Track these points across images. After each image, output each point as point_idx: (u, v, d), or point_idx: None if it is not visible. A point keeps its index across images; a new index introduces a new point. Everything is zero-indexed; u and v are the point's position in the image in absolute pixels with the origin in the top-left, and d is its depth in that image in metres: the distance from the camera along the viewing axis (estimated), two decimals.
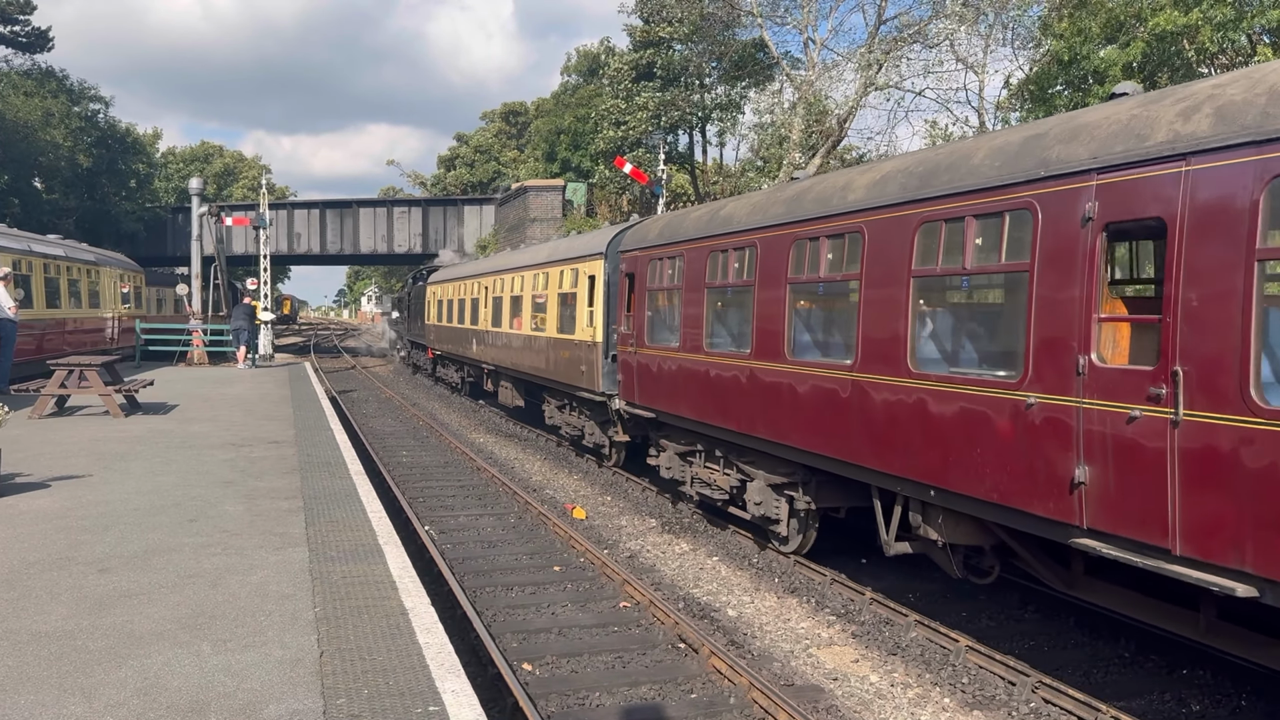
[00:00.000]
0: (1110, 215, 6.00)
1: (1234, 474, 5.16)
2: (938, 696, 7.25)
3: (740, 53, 35.36)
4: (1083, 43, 18.46)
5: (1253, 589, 5.07)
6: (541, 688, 7.14)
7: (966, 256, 7.25)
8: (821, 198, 9.41)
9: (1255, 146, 5.15)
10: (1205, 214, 5.40)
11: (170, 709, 4.84)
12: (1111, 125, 6.21)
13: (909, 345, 7.77)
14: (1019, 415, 6.60)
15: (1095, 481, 6.01)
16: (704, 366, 11.36)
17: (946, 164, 7.70)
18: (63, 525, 8.58)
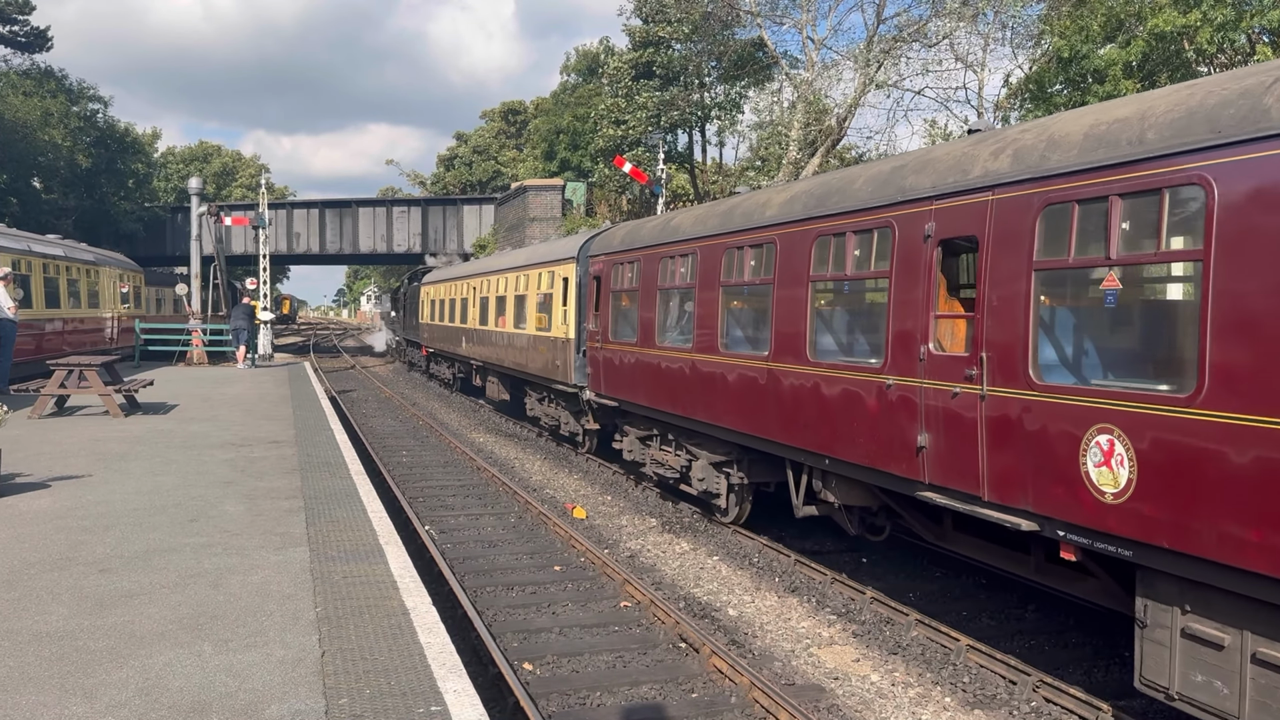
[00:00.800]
0: (943, 233, 7.42)
1: (1020, 435, 6.54)
2: (939, 696, 7.25)
3: (739, 52, 35.34)
4: (1083, 41, 18.46)
5: (1035, 524, 6.48)
6: (542, 687, 7.14)
7: (848, 264, 8.78)
8: (747, 213, 10.82)
9: (1035, 181, 6.52)
10: (1002, 233, 6.76)
11: (172, 709, 4.84)
12: (948, 160, 7.67)
13: (808, 338, 9.21)
14: (882, 394, 8.01)
15: (931, 445, 7.42)
16: (657, 360, 12.75)
17: (837, 188, 9.16)
18: (63, 525, 8.58)
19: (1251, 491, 5.02)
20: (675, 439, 12.72)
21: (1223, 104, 5.50)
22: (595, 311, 15.41)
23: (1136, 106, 6.19)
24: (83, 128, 46.62)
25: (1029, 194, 6.55)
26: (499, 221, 47.47)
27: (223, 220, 35.75)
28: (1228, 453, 5.17)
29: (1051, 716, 6.83)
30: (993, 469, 6.79)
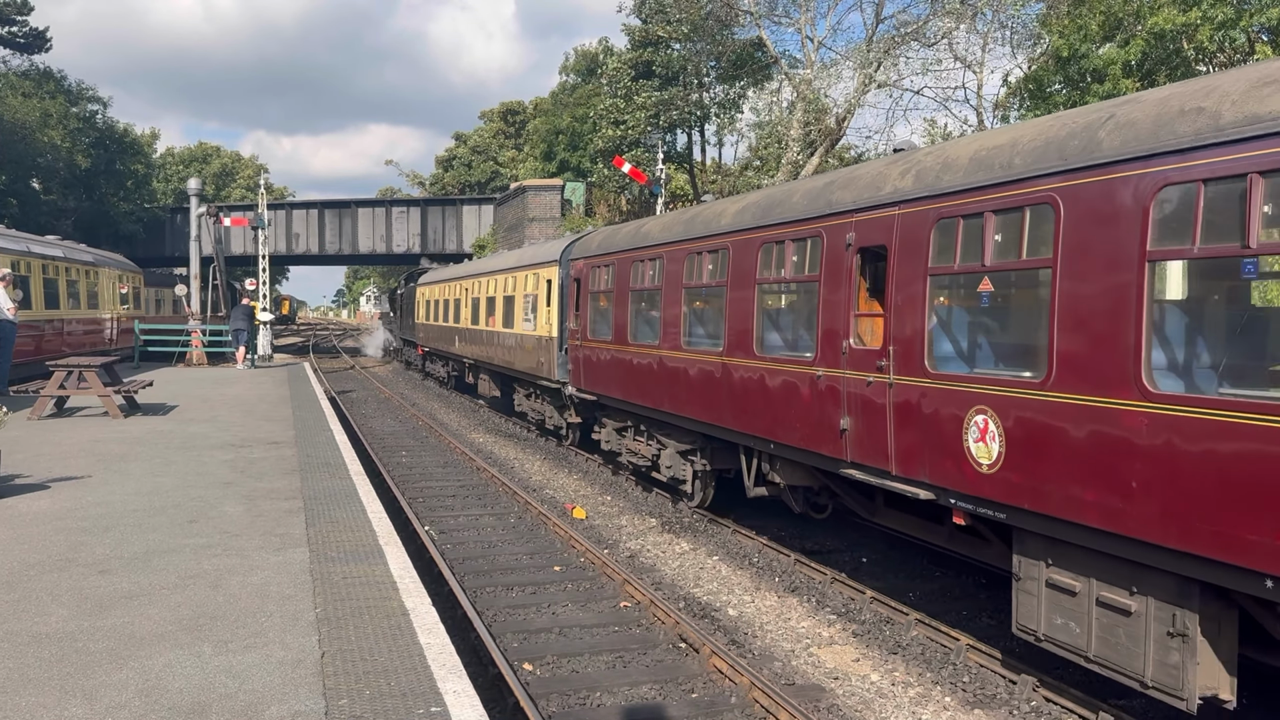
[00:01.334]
0: (861, 242, 8.41)
1: (918, 417, 7.57)
2: (939, 695, 7.25)
3: (738, 52, 35.33)
4: (1082, 40, 18.46)
5: (931, 494, 7.51)
6: (542, 688, 7.14)
7: (787, 269, 9.81)
8: (706, 221, 11.85)
9: (931, 199, 7.52)
10: (905, 243, 7.78)
11: (172, 710, 4.84)
12: (867, 178, 8.72)
13: (755, 335, 10.22)
14: (813, 384, 9.03)
15: (852, 428, 8.45)
16: (629, 356, 13.77)
17: (779, 200, 10.21)
18: (63, 527, 8.58)
19: (1088, 459, 6.02)
20: (647, 430, 13.73)
21: (1070, 135, 6.45)
22: (575, 311, 16.44)
23: (1010, 135, 7.24)
24: (82, 129, 46.59)
25: (926, 209, 7.59)
26: (498, 222, 47.46)
27: (222, 221, 35.73)
28: (1069, 427, 6.15)
29: (1051, 716, 6.83)
30: (899, 447, 7.87)
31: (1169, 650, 5.67)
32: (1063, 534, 6.29)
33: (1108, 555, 5.97)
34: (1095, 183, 6.06)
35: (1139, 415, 5.64)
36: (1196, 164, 5.39)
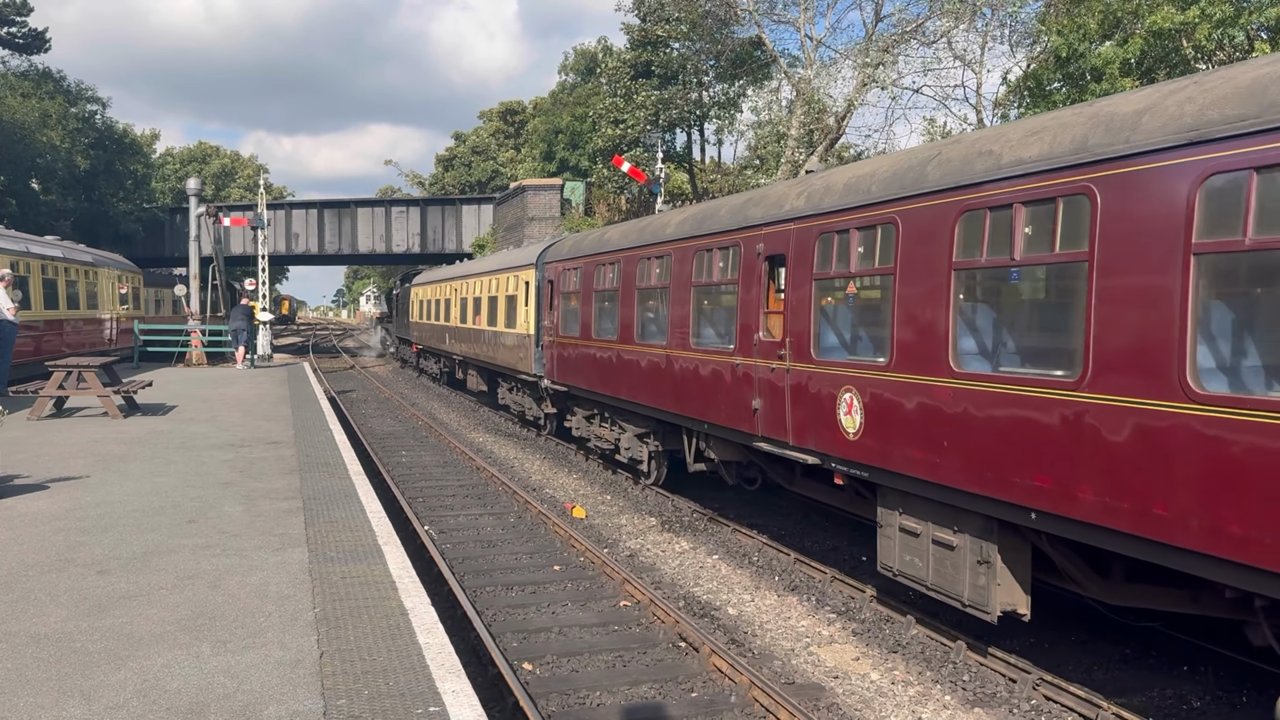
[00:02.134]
0: (768, 251, 10.04)
1: (807, 396, 9.15)
2: (938, 694, 7.25)
3: (738, 51, 35.31)
4: (1081, 39, 18.45)
5: (817, 459, 9.06)
6: (542, 687, 7.14)
7: (714, 273, 11.30)
8: (654, 230, 13.47)
9: (815, 217, 9.19)
10: (798, 252, 9.38)
11: (170, 710, 4.83)
12: (774, 198, 10.34)
13: (691, 329, 11.80)
14: (734, 371, 10.66)
15: (761, 407, 10.03)
16: (594, 350, 15.30)
17: (710, 214, 11.85)
18: (61, 527, 8.57)
19: (916, 425, 7.59)
20: (610, 417, 15.27)
21: (909, 169, 8.01)
22: (549, 310, 17.95)
23: (873, 167, 8.89)
24: (81, 129, 46.56)
25: (812, 225, 9.20)
26: (498, 221, 47.45)
27: (221, 221, 35.70)
28: (905, 401, 7.73)
29: (1051, 714, 6.82)
30: (794, 421, 9.44)
31: (979, 575, 7.19)
32: (905, 486, 7.87)
33: (937, 502, 7.53)
34: (922, 207, 7.63)
35: (946, 389, 7.27)
36: (985, 195, 6.94)
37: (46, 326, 24.18)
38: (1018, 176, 6.65)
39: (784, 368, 9.53)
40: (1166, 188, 5.54)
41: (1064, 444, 6.20)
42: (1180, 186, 5.43)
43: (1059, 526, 6.32)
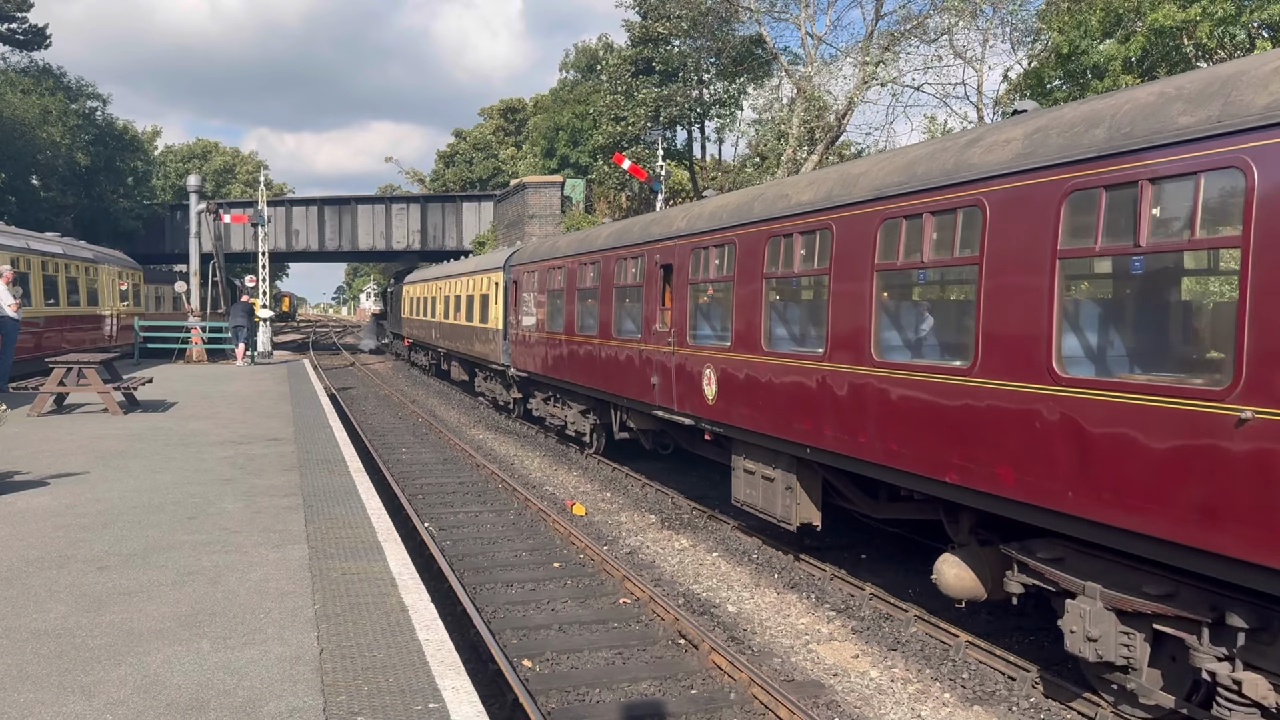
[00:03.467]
0: (662, 261, 12.70)
1: (684, 372, 11.86)
2: (938, 692, 7.25)
3: (738, 48, 35.28)
4: (1082, 37, 18.43)
5: (691, 421, 11.73)
6: (541, 684, 7.14)
7: (629, 277, 14.04)
8: (590, 241, 16.34)
9: (689, 236, 11.98)
10: (680, 263, 12.17)
11: (170, 706, 4.84)
12: (668, 220, 13.27)
13: (614, 323, 14.46)
14: (640, 355, 13.36)
15: (658, 383, 12.73)
16: (548, 340, 18.03)
17: (627, 230, 14.74)
18: (62, 523, 8.57)
19: (746, 390, 10.31)
20: (560, 397, 18.07)
21: (742, 205, 10.98)
22: (514, 308, 20.79)
23: (728, 200, 11.81)
24: (81, 125, 46.50)
25: (688, 242, 12.05)
26: (498, 219, 47.41)
27: (221, 218, 35.70)
28: (738, 374, 10.49)
29: (1051, 712, 6.83)
30: (677, 393, 12.14)
31: (786, 499, 9.83)
32: (743, 437, 10.57)
33: (761, 447, 10.20)
34: (749, 232, 10.44)
35: (761, 364, 9.99)
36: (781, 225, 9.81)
37: (47, 323, 24.17)
38: (798, 215, 9.48)
39: (670, 351, 12.38)
40: (868, 226, 8.26)
41: (816, 398, 8.96)
42: (873, 225, 8.20)
43: (817, 455, 9.08)
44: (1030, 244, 6.43)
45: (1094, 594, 6.16)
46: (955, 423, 7.15)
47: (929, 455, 7.43)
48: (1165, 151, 5.49)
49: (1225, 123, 5.19)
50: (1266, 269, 4.96)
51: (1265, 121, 4.98)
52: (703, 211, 12.04)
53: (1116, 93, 6.55)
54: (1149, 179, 5.56)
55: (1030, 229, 6.44)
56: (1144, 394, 5.63)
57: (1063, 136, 6.35)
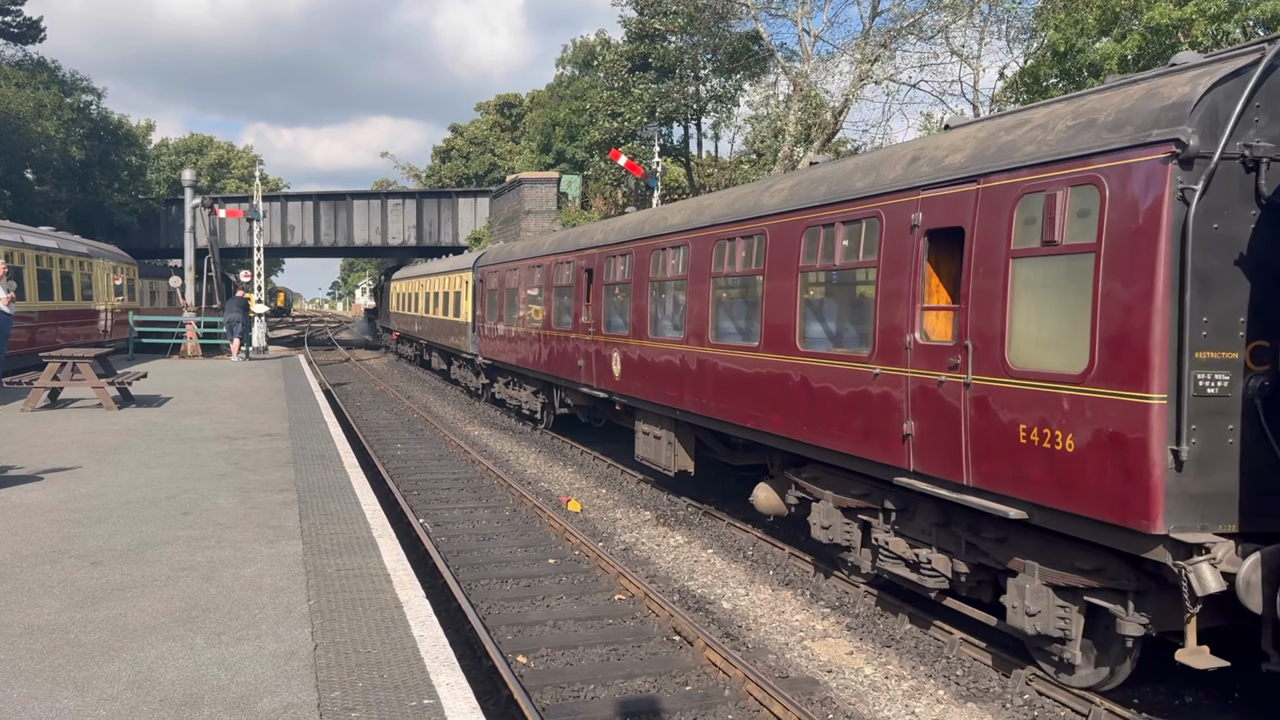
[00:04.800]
0: (585, 266, 15.47)
1: (600, 356, 14.59)
2: (932, 688, 7.26)
3: (735, 45, 35.23)
4: (1078, 35, 18.44)
5: (605, 394, 14.52)
6: (536, 680, 7.14)
7: (563, 279, 16.82)
8: (537, 246, 19.60)
9: (604, 247, 14.74)
10: (598, 269, 14.79)
11: (163, 702, 4.83)
12: (591, 233, 16.02)
13: (553, 317, 17.28)
14: (571, 343, 16.09)
15: (583, 365, 15.30)
16: (506, 330, 20.88)
17: (564, 240, 17.79)
18: (55, 518, 8.55)
19: (639, 368, 12.94)
20: (517, 381, 20.94)
21: (639, 224, 13.96)
22: (481, 303, 23.68)
23: (630, 220, 14.75)
24: (76, 120, 46.31)
25: (604, 252, 14.73)
26: (494, 214, 47.33)
27: (216, 213, 35.58)
28: (634, 355, 13.19)
29: (1045, 709, 6.84)
30: (595, 371, 14.90)
31: (668, 451, 12.54)
32: (640, 405, 13.31)
33: (651, 412, 12.98)
34: (641, 246, 13.31)
35: (648, 346, 12.81)
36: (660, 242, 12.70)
37: (41, 318, 24.10)
38: (669, 234, 12.42)
39: (591, 339, 15.07)
40: (709, 244, 11.26)
41: (680, 373, 11.79)
42: (710, 244, 11.18)
43: (685, 416, 11.85)
44: (787, 261, 9.41)
45: (827, 498, 9.14)
46: (750, 385, 10.12)
47: (741, 411, 10.33)
48: (847, 205, 8.59)
49: (874, 187, 8.28)
50: (886, 277, 7.93)
51: (888, 189, 8.07)
52: (614, 227, 14.91)
53: (838, 161, 9.97)
54: (841, 221, 8.64)
55: (788, 250, 9.41)
56: (837, 360, 8.66)
57: (804, 190, 9.48)
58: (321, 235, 51.85)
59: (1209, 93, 5.70)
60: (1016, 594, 6.87)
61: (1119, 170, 5.92)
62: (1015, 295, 6.62)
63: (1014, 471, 6.59)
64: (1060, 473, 6.22)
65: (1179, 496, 5.67)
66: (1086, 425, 6.05)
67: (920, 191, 7.61)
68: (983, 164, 7.03)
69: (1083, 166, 6.17)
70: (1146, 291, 5.72)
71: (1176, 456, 5.64)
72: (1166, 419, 5.66)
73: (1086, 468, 6.05)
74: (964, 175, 7.17)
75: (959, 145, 7.51)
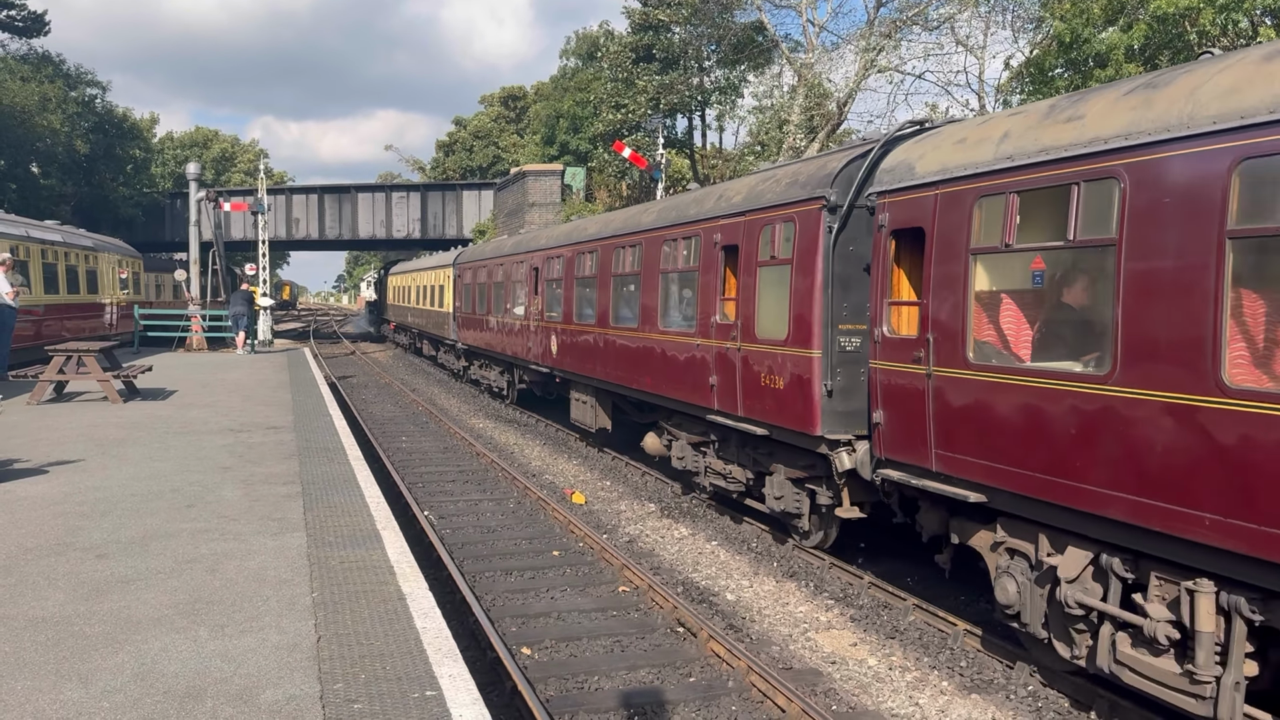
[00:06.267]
0: (532, 264, 19.11)
1: (543, 338, 18.21)
2: (936, 680, 7.25)
3: (739, 35, 35.11)
4: (1084, 25, 18.33)
5: (548, 370, 18.14)
6: (540, 672, 7.15)
7: (515, 275, 20.43)
8: (500, 246, 23.48)
9: (546, 250, 18.43)
10: (542, 268, 18.38)
11: (167, 694, 4.84)
12: (535, 240, 19.94)
13: (509, 306, 20.66)
14: (525, 328, 19.44)
15: (531, 346, 19.09)
16: (480, 319, 24.28)
17: (520, 243, 21.12)
18: (60, 511, 8.57)
19: (572, 348, 16.27)
20: (488, 362, 24.39)
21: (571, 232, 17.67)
22: (459, 295, 27.53)
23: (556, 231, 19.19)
24: (81, 113, 46.33)
25: (545, 254, 18.06)
26: (498, 207, 47.30)
27: (221, 206, 35.61)
28: (567, 339, 16.57)
29: (1049, 700, 6.83)
30: (539, 351, 17.92)
31: (592, 413, 15.65)
32: (572, 378, 16.29)
33: (580, 383, 15.98)
34: (570, 250, 16.40)
35: (572, 329, 16.09)
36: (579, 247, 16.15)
37: (47, 311, 24.15)
38: (589, 240, 15.67)
39: (536, 325, 18.54)
40: (610, 250, 14.38)
41: (597, 350, 14.81)
42: (611, 250, 14.43)
43: (603, 384, 14.89)
44: (653, 264, 12.85)
45: (682, 438, 12.33)
46: (635, 357, 13.38)
47: (632, 377, 13.53)
48: (684, 226, 12.14)
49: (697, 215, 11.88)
50: (702, 276, 11.32)
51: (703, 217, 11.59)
52: (553, 235, 18.80)
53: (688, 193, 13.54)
54: (680, 237, 12.20)
55: (654, 256, 12.84)
56: (678, 336, 12.01)
57: (665, 213, 13.10)
58: (326, 228, 51.83)
59: (844, 168, 9.01)
60: (771, 487, 10.17)
61: (801, 213, 9.36)
62: (760, 290, 10.06)
63: (760, 404, 10.01)
64: (779, 402, 9.62)
65: (830, 413, 8.99)
66: (787, 372, 9.47)
67: (719, 220, 11.06)
68: (748, 204, 10.50)
69: (789, 209, 9.58)
70: (811, 287, 9.10)
71: (828, 389, 8.98)
72: (823, 366, 9.01)
73: (788, 397, 9.43)
74: (738, 210, 10.66)
75: (740, 190, 11.03)
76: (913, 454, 7.58)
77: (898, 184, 7.90)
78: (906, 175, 7.82)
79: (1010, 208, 6.56)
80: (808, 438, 9.09)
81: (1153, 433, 5.47)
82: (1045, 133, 6.46)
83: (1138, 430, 5.56)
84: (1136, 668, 5.76)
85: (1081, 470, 5.94)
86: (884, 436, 7.97)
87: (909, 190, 7.74)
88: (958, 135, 7.57)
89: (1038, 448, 6.28)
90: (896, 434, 7.80)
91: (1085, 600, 6.11)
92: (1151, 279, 5.52)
